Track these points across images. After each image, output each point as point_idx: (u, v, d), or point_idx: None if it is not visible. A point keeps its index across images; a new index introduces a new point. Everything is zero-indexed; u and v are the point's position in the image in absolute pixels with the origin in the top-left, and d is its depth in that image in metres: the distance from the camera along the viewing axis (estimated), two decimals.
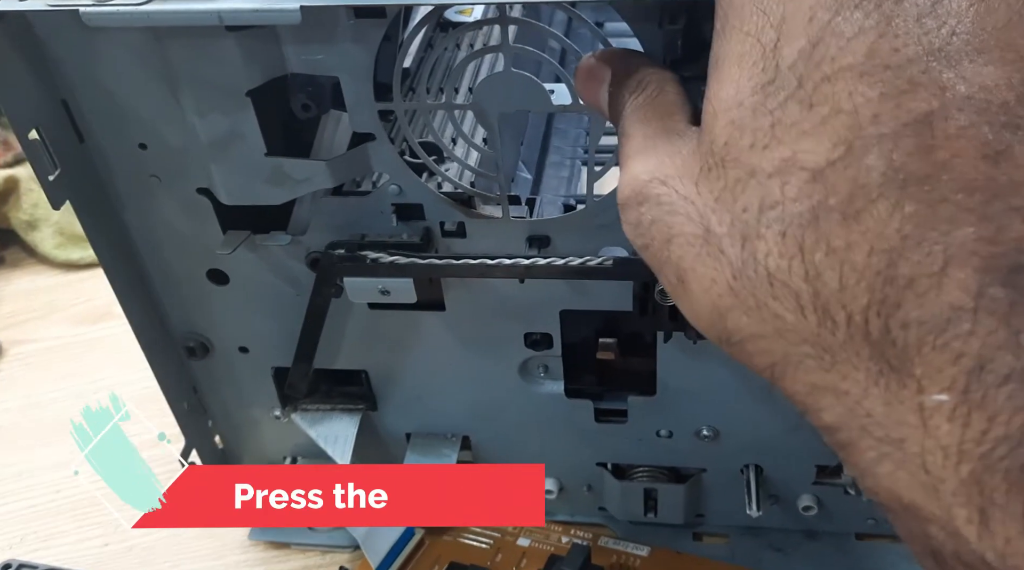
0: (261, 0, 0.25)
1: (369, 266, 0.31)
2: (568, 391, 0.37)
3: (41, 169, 0.29)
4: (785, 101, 0.18)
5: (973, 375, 0.16)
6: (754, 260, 0.18)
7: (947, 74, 0.16)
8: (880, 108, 0.17)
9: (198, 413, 0.39)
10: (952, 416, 0.16)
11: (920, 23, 0.17)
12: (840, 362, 0.17)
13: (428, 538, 0.41)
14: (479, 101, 0.29)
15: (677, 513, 0.40)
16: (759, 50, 0.18)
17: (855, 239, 0.17)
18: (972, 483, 0.16)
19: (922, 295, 0.16)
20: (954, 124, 0.16)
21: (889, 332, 0.17)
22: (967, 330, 0.16)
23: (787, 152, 0.18)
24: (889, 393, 0.17)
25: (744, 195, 0.18)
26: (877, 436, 0.17)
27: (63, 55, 0.29)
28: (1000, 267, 0.16)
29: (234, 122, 0.29)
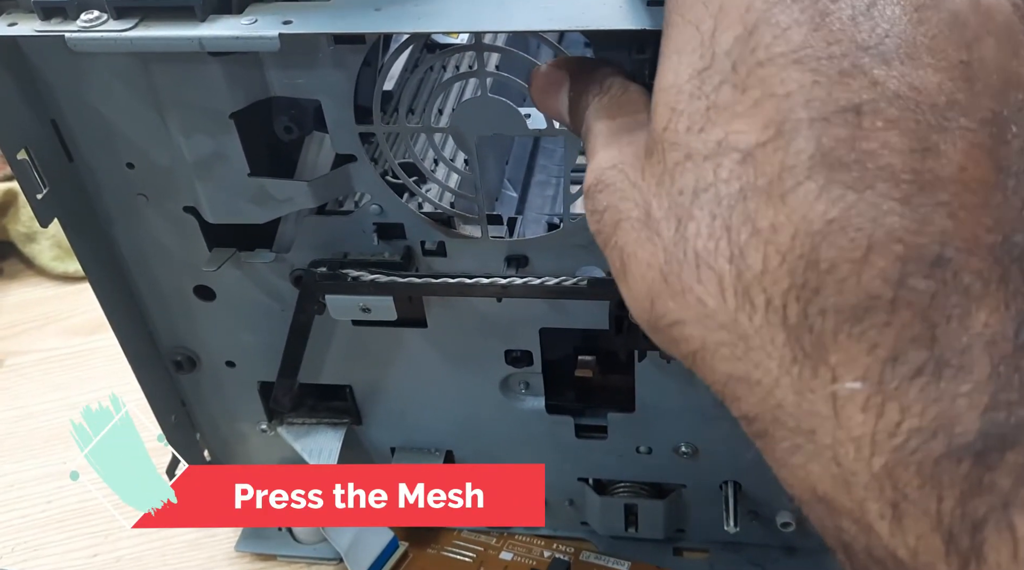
0: (241, 28, 0.25)
1: (350, 284, 0.32)
2: (549, 407, 0.38)
3: (29, 188, 0.30)
4: (719, 85, 0.18)
5: (888, 365, 0.16)
6: (684, 241, 0.18)
7: (879, 70, 0.17)
8: (812, 94, 0.17)
9: (186, 426, 0.40)
10: (865, 406, 0.16)
11: (854, 21, 0.17)
12: (754, 349, 0.17)
13: (412, 551, 0.42)
14: (457, 124, 0.29)
15: (657, 528, 0.40)
16: (698, 38, 0.18)
17: (781, 221, 0.17)
18: (885, 477, 0.16)
19: (842, 281, 0.16)
20: (884, 116, 0.16)
21: (807, 318, 0.16)
22: (883, 321, 0.16)
23: (720, 134, 0.18)
24: (801, 382, 0.17)
25: (681, 178, 0.18)
26: (789, 427, 0.17)
27: (52, 77, 0.29)
28: (923, 257, 0.16)
29: (218, 143, 0.30)
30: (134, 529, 0.45)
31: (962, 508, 0.15)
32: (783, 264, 0.17)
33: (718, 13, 0.18)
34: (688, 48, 0.19)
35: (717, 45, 0.18)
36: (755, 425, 0.18)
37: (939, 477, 0.15)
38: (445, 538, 0.42)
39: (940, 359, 0.16)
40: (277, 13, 0.26)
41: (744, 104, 0.17)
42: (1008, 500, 0.15)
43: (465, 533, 0.43)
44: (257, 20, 0.26)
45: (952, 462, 0.15)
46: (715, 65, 0.18)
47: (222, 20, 0.26)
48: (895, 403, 0.16)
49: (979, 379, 0.15)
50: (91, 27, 0.26)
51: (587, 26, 0.25)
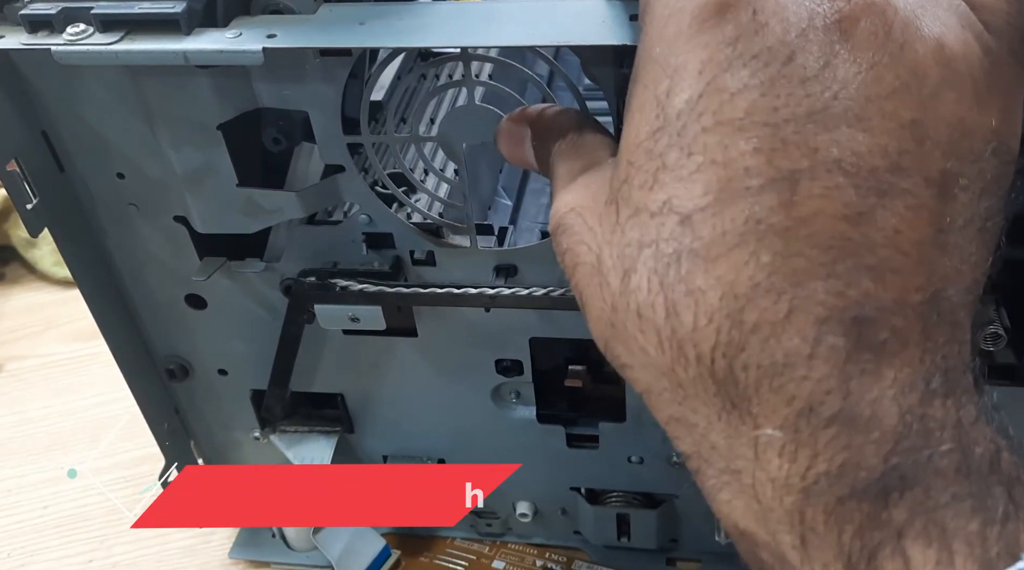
0: (226, 41, 0.25)
1: (339, 294, 0.32)
2: (540, 417, 0.38)
3: (19, 198, 0.30)
4: (669, 147, 0.18)
5: (802, 416, 0.17)
6: (628, 293, 0.19)
7: (821, 137, 0.17)
8: (751, 162, 0.17)
9: (179, 434, 0.40)
10: (781, 452, 0.17)
11: (804, 85, 0.17)
12: (690, 396, 0.18)
13: (404, 559, 0.42)
14: (445, 133, 0.29)
15: (650, 538, 0.40)
16: (655, 99, 0.19)
17: (711, 283, 0.18)
18: (795, 513, 0.17)
19: (764, 340, 0.17)
20: (820, 184, 0.17)
21: (732, 372, 0.18)
22: (801, 375, 0.17)
23: (665, 195, 0.18)
24: (730, 428, 0.18)
25: (630, 232, 0.19)
26: (719, 467, 0.18)
27: (42, 89, 0.29)
28: (843, 319, 0.17)
29: (207, 155, 0.30)
30: (130, 534, 0.46)
31: (860, 539, 0.17)
32: (711, 323, 0.18)
33: (673, 74, 0.19)
34: (647, 106, 0.19)
35: (670, 107, 0.19)
36: (691, 462, 0.20)
37: (841, 513, 0.17)
38: (438, 546, 0.43)
39: (851, 410, 0.17)
40: (262, 27, 0.26)
41: (688, 169, 0.18)
42: (902, 531, 0.16)
43: (458, 541, 0.43)
44: (242, 34, 0.26)
45: (854, 501, 0.17)
46: (667, 127, 0.19)
47: (207, 34, 0.26)
48: (807, 450, 0.17)
49: (886, 428, 0.17)
50: (77, 41, 0.26)
51: (571, 41, 0.25)
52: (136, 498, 0.47)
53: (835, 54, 0.17)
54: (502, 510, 0.42)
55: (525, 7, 0.26)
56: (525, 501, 0.41)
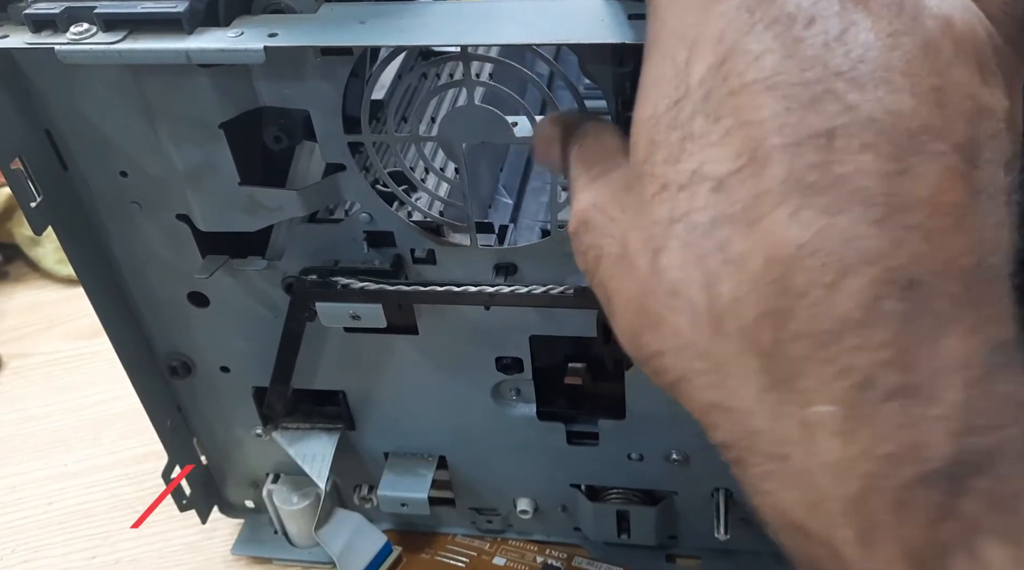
0: (228, 40, 0.26)
1: (340, 292, 0.32)
2: (540, 414, 0.38)
3: (23, 197, 0.30)
4: (693, 115, 0.18)
5: (859, 390, 0.16)
6: (659, 272, 0.18)
7: (853, 95, 0.17)
8: (785, 120, 0.17)
9: (181, 431, 0.40)
10: (837, 431, 0.16)
11: (827, 48, 0.17)
12: (730, 376, 0.17)
13: (405, 556, 0.42)
14: (444, 133, 0.30)
15: (650, 535, 0.41)
16: (673, 69, 0.18)
17: (751, 248, 0.17)
18: (856, 503, 0.16)
19: (814, 306, 0.16)
20: (857, 141, 0.16)
21: (779, 343, 0.16)
22: (856, 344, 0.16)
23: (695, 164, 0.18)
24: (775, 408, 0.17)
25: (657, 208, 0.18)
26: (763, 453, 0.17)
27: (45, 88, 0.30)
28: (895, 280, 0.16)
29: (208, 153, 0.30)
30: (133, 531, 0.46)
31: (931, 535, 0.15)
32: (754, 290, 0.17)
33: (692, 44, 0.18)
34: (664, 80, 0.19)
35: (691, 76, 0.18)
36: (732, 452, 0.18)
37: (909, 503, 0.15)
38: (439, 542, 0.43)
39: (912, 383, 0.16)
40: (263, 26, 0.26)
41: (717, 133, 0.17)
42: (977, 526, 0.15)
43: (459, 538, 0.43)
44: (243, 33, 0.26)
45: (922, 488, 0.15)
46: (689, 95, 0.18)
47: (209, 33, 0.26)
48: (867, 428, 0.16)
49: (951, 404, 0.15)
50: (80, 40, 0.26)
51: (569, 40, 0.25)
52: (139, 495, 0.48)
53: (853, 21, 0.17)
54: (503, 507, 0.42)
55: (524, 6, 0.26)
56: (525, 498, 0.41)
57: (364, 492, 0.42)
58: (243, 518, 0.45)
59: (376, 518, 0.43)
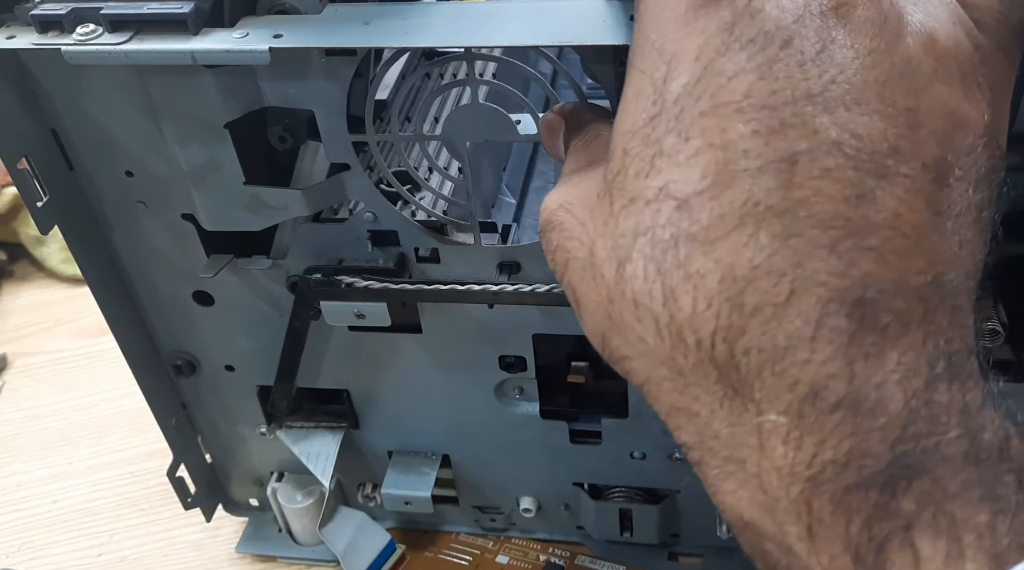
0: (233, 41, 0.26)
1: (344, 291, 0.33)
2: (543, 412, 0.38)
3: (29, 196, 0.30)
4: (666, 133, 0.18)
5: (807, 401, 0.17)
6: (624, 283, 0.19)
7: (821, 119, 0.17)
8: (749, 144, 0.17)
9: (186, 429, 0.40)
10: (786, 439, 0.17)
11: (802, 68, 0.17)
12: (691, 384, 0.18)
13: (409, 554, 0.42)
14: (448, 132, 0.30)
15: (652, 533, 0.41)
16: (652, 85, 0.19)
17: (709, 267, 0.17)
18: (801, 503, 0.17)
19: (766, 323, 0.17)
20: (819, 165, 0.17)
21: (733, 357, 0.17)
22: (804, 358, 0.17)
23: (662, 181, 0.18)
24: (732, 415, 0.18)
25: (624, 221, 0.19)
26: (722, 456, 0.18)
27: (52, 88, 0.30)
28: (845, 300, 0.17)
29: (213, 153, 0.30)
30: (138, 529, 0.46)
31: (868, 531, 0.16)
32: (710, 307, 0.17)
33: (670, 60, 0.19)
34: (643, 94, 0.19)
35: (667, 92, 0.18)
36: (693, 453, 0.19)
37: (848, 504, 0.16)
38: (442, 541, 0.43)
39: (855, 395, 0.17)
40: (268, 27, 0.26)
41: (685, 153, 0.18)
42: (911, 522, 0.16)
43: (462, 536, 0.43)
44: (248, 34, 0.26)
45: (861, 490, 0.16)
46: (664, 113, 0.18)
47: (214, 34, 0.26)
48: (812, 436, 0.17)
49: (891, 413, 0.16)
50: (86, 40, 0.26)
51: (572, 41, 0.25)
52: (144, 493, 0.48)
53: (832, 39, 0.17)
54: (506, 505, 0.42)
55: (528, 7, 0.26)
56: (528, 496, 0.41)
57: (368, 490, 0.43)
58: (247, 516, 0.45)
59: (380, 516, 0.43)
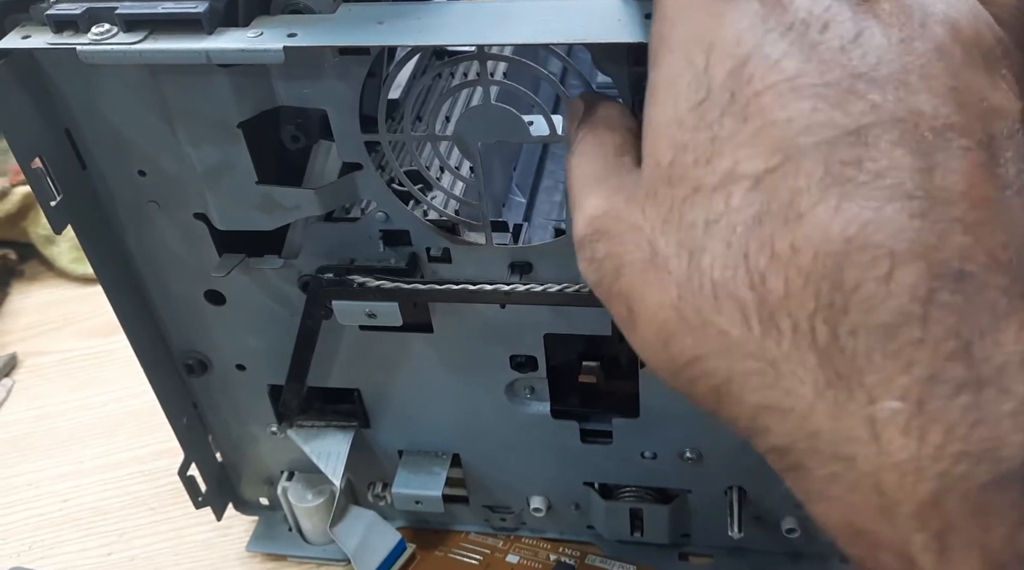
0: (247, 40, 0.26)
1: (356, 290, 0.33)
2: (554, 412, 0.38)
3: (43, 196, 0.30)
4: (721, 116, 0.18)
5: (927, 385, 0.15)
6: (699, 273, 0.18)
7: (875, 95, 0.17)
8: (813, 119, 0.17)
9: (197, 428, 0.40)
10: (906, 429, 0.15)
11: (844, 51, 0.17)
12: (785, 375, 0.17)
13: (419, 553, 0.42)
14: (460, 133, 0.30)
15: (662, 533, 0.41)
16: (691, 72, 0.19)
17: (799, 242, 0.16)
18: (930, 505, 0.15)
19: (869, 300, 0.16)
20: (887, 137, 0.17)
21: (837, 339, 0.16)
22: (917, 337, 0.15)
23: (728, 163, 0.18)
24: (837, 406, 0.16)
25: (691, 212, 0.18)
26: (826, 455, 0.16)
27: (66, 88, 0.30)
28: (946, 273, 0.16)
29: (226, 153, 0.30)
30: (148, 528, 0.46)
31: (1012, 541, 0.14)
32: (807, 286, 0.16)
33: (709, 48, 0.18)
34: (683, 82, 0.19)
35: (713, 78, 0.18)
36: (788, 457, 0.17)
37: (987, 505, 0.15)
38: (452, 540, 0.43)
39: (979, 378, 0.15)
40: (282, 26, 0.26)
41: (747, 133, 0.18)
42: None
43: (472, 535, 0.43)
44: (263, 33, 0.26)
45: (1000, 490, 0.14)
46: (712, 97, 0.18)
47: (229, 33, 0.26)
48: (938, 424, 0.15)
49: (1020, 398, 0.15)
50: (101, 40, 0.26)
51: (585, 39, 0.25)
52: (154, 492, 0.48)
53: (865, 26, 0.17)
54: (516, 505, 0.42)
55: (541, 6, 0.26)
56: (539, 496, 0.41)
57: (378, 490, 0.43)
58: (258, 515, 0.45)
59: (390, 516, 0.43)
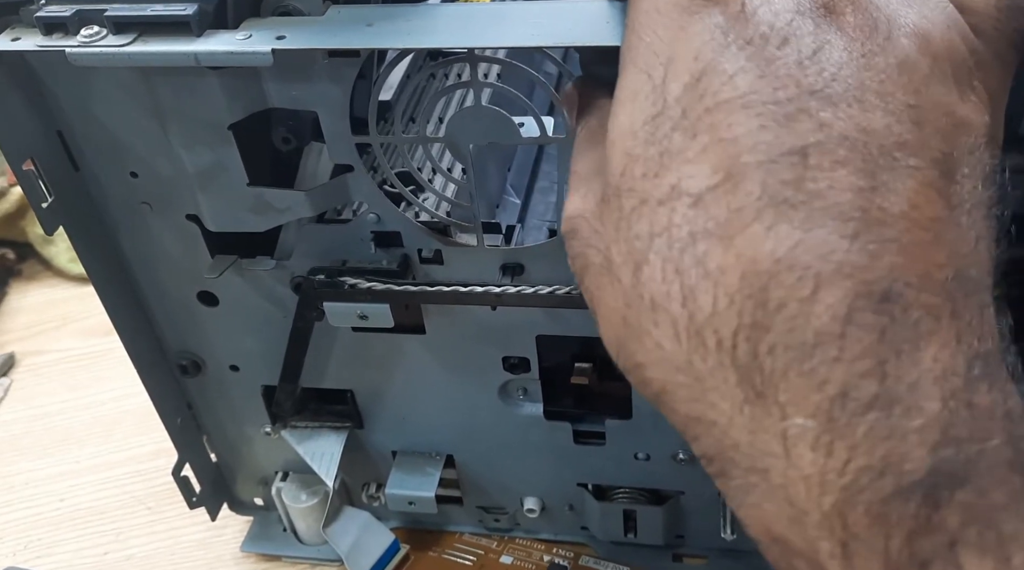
0: (236, 43, 0.26)
1: (347, 292, 0.33)
2: (547, 413, 0.38)
3: (34, 197, 0.31)
4: (671, 131, 0.18)
5: (837, 402, 0.16)
6: (640, 286, 0.18)
7: (825, 113, 0.17)
8: (759, 138, 0.17)
9: (191, 429, 0.40)
10: (815, 445, 0.16)
11: (800, 67, 0.17)
12: (709, 390, 0.17)
13: (413, 554, 0.42)
14: (451, 134, 0.30)
15: (656, 534, 0.41)
16: (649, 85, 0.19)
17: (730, 262, 0.17)
18: (834, 516, 0.16)
19: (791, 319, 0.16)
20: (831, 157, 0.17)
21: (756, 357, 0.16)
22: (833, 356, 0.16)
23: (673, 179, 0.18)
24: (754, 421, 0.17)
25: (637, 223, 0.19)
26: (744, 466, 0.17)
27: (58, 90, 0.30)
28: (872, 293, 0.16)
29: (217, 154, 0.30)
30: (144, 527, 0.46)
31: (910, 548, 0.15)
32: (732, 305, 0.17)
33: (668, 61, 0.19)
34: (641, 94, 0.19)
35: (668, 92, 0.18)
36: (713, 465, 0.18)
37: (887, 516, 0.15)
38: (446, 541, 0.43)
39: (889, 395, 0.16)
40: (271, 28, 0.26)
41: (694, 149, 0.18)
42: (955, 539, 0.15)
43: (466, 536, 0.43)
44: (252, 35, 0.26)
45: (900, 501, 0.15)
46: (666, 111, 0.18)
47: (218, 35, 0.26)
48: (844, 441, 0.16)
49: (929, 415, 0.15)
50: (91, 42, 0.26)
51: (574, 42, 0.25)
52: (150, 491, 0.48)
53: (826, 41, 0.17)
54: (510, 505, 0.42)
55: (530, 8, 0.26)
56: (533, 497, 0.41)
57: (372, 490, 0.43)
58: (252, 515, 0.45)
59: (384, 516, 0.43)
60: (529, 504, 0.41)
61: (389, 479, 0.40)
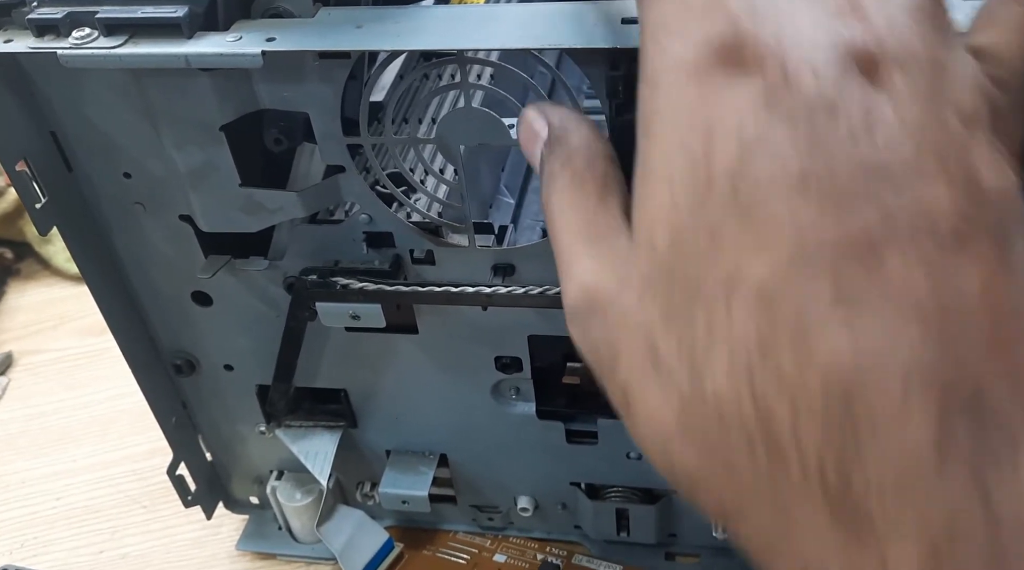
0: (226, 45, 0.26)
1: (340, 292, 0.33)
2: (540, 413, 0.38)
3: (28, 198, 0.31)
4: (722, 211, 0.16)
5: (943, 542, 0.14)
6: (703, 390, 0.16)
7: (886, 194, 0.15)
8: (820, 224, 0.15)
9: (186, 428, 0.41)
10: None
11: (854, 141, 0.16)
12: (793, 510, 0.15)
13: (407, 552, 0.42)
14: (442, 136, 0.30)
15: (649, 533, 0.41)
16: (688, 158, 0.17)
17: (805, 369, 0.15)
18: None
19: (884, 436, 0.15)
20: (898, 247, 0.15)
21: (845, 476, 0.15)
22: (932, 483, 0.14)
23: (730, 266, 0.16)
24: (847, 555, 0.15)
25: (691, 314, 0.16)
26: None
27: (50, 91, 0.30)
28: (962, 398, 0.15)
29: (209, 155, 0.30)
30: (140, 526, 0.47)
31: None
32: (814, 417, 0.15)
33: (707, 132, 0.17)
34: (678, 164, 0.17)
35: (712, 167, 0.16)
36: None
37: None
38: (440, 539, 0.43)
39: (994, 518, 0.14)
40: (262, 30, 0.27)
41: (750, 235, 0.16)
42: None
43: (460, 535, 0.43)
44: (242, 37, 0.26)
45: None
46: (714, 190, 0.16)
47: (208, 37, 0.27)
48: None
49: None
50: (82, 44, 0.27)
51: (563, 44, 0.25)
52: (146, 490, 0.48)
53: (875, 107, 0.16)
54: (503, 504, 0.42)
55: (520, 10, 0.26)
56: (526, 496, 0.42)
57: (366, 489, 0.43)
58: (247, 514, 0.45)
59: (378, 515, 0.43)
60: (522, 503, 0.41)
61: (383, 478, 0.41)
